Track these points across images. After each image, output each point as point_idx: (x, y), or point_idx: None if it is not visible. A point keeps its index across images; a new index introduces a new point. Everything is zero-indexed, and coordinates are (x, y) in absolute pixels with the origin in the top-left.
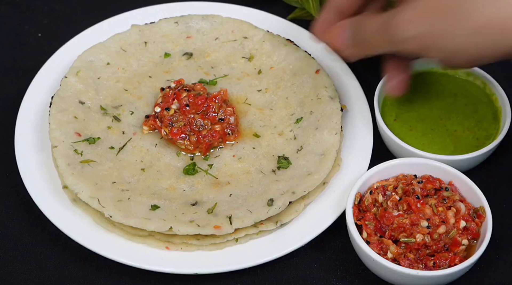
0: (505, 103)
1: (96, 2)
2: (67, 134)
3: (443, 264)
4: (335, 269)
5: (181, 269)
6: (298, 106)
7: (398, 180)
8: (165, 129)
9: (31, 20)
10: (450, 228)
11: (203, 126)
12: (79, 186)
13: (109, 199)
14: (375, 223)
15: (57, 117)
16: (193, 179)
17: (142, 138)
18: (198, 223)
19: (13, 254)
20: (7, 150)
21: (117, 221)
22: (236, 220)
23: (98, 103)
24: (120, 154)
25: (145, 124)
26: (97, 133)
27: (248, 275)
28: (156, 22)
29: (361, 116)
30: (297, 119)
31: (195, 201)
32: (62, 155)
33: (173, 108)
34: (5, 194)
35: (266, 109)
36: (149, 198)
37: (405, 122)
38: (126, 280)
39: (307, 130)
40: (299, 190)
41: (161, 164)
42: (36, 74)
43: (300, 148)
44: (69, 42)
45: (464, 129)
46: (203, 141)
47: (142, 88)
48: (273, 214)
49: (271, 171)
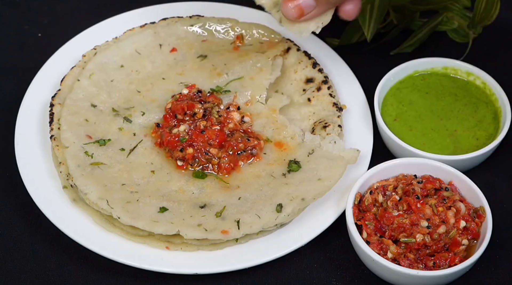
0: (505, 103)
1: (96, 2)
2: (78, 136)
3: (443, 264)
4: (335, 269)
5: (181, 269)
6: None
7: (398, 180)
8: (172, 154)
9: (31, 20)
10: (450, 228)
11: (218, 159)
12: (88, 187)
13: (118, 201)
14: (375, 223)
15: (68, 119)
16: (203, 182)
17: (152, 140)
18: (205, 227)
19: (13, 254)
20: (7, 150)
21: (125, 222)
22: (244, 225)
23: (110, 106)
24: (130, 156)
25: (154, 133)
26: (108, 135)
27: (248, 275)
28: (171, 23)
29: (361, 116)
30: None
31: (204, 203)
32: (72, 156)
33: (181, 130)
34: (5, 194)
35: (278, 110)
36: (158, 200)
37: (405, 122)
38: (126, 280)
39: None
40: (309, 197)
41: (171, 167)
42: (36, 74)
43: (312, 152)
44: (69, 42)
45: (464, 129)
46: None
47: (155, 91)
48: (282, 221)
49: (281, 174)
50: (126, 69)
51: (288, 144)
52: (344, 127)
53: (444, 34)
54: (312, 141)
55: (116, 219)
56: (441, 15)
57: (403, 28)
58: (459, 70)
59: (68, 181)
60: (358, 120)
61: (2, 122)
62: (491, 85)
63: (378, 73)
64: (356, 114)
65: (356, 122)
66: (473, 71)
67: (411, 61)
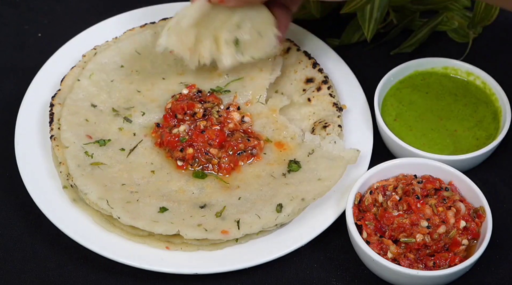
0: (505, 103)
1: (96, 2)
2: (78, 136)
3: (443, 264)
4: (335, 269)
5: (181, 269)
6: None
7: (398, 180)
8: (172, 154)
9: (31, 20)
10: (450, 228)
11: (218, 159)
12: (88, 187)
13: (118, 201)
14: (375, 223)
15: (68, 119)
16: (203, 182)
17: (152, 140)
18: (205, 227)
19: (13, 254)
20: (7, 150)
21: (124, 222)
22: (244, 225)
23: (110, 106)
24: (130, 156)
25: (154, 133)
26: (108, 135)
27: (248, 275)
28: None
29: (361, 116)
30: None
31: (204, 203)
32: (72, 156)
33: (181, 130)
34: (5, 194)
35: (278, 110)
36: (158, 200)
37: (405, 122)
38: (126, 280)
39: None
40: (309, 197)
41: (171, 167)
42: (36, 74)
43: (312, 152)
44: (69, 42)
45: (464, 129)
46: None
47: (155, 91)
48: (282, 221)
49: (281, 174)
50: (126, 69)
51: (288, 144)
52: (344, 127)
53: (444, 34)
54: (312, 141)
55: (116, 219)
56: (441, 15)
57: (403, 28)
58: (459, 70)
59: (68, 181)
60: (358, 120)
61: (2, 122)
62: (491, 85)
63: (378, 73)
64: (356, 114)
65: (356, 122)
66: (473, 71)
67: (411, 61)
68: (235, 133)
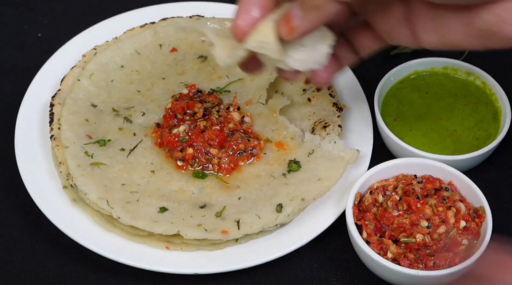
0: (505, 103)
1: (96, 2)
2: (78, 136)
3: (443, 264)
4: (335, 269)
5: (181, 269)
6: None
7: (398, 180)
8: (172, 154)
9: (31, 20)
10: (450, 228)
11: (218, 159)
12: (88, 187)
13: (118, 201)
14: (375, 223)
15: (69, 119)
16: (203, 182)
17: (152, 140)
18: (205, 227)
19: (13, 254)
20: (7, 150)
21: (124, 222)
22: (244, 225)
23: (110, 106)
24: (130, 156)
25: (154, 133)
26: (108, 134)
27: (248, 275)
28: (171, 23)
29: (361, 116)
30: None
31: (204, 203)
32: (72, 156)
33: (181, 130)
34: (5, 194)
35: (278, 110)
36: (158, 200)
37: (405, 122)
38: (126, 280)
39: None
40: (309, 197)
41: (171, 167)
42: (36, 74)
43: (312, 152)
44: (69, 42)
45: (464, 129)
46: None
47: (155, 90)
48: (282, 221)
49: (281, 174)
50: (126, 69)
51: (288, 144)
52: (344, 127)
53: None
54: (312, 141)
55: (116, 219)
56: None
57: None
58: (459, 70)
59: (68, 181)
60: (358, 120)
61: (2, 122)
62: (491, 85)
63: (378, 73)
64: (356, 114)
65: (356, 122)
66: (473, 71)
67: (411, 61)
68: (235, 134)
